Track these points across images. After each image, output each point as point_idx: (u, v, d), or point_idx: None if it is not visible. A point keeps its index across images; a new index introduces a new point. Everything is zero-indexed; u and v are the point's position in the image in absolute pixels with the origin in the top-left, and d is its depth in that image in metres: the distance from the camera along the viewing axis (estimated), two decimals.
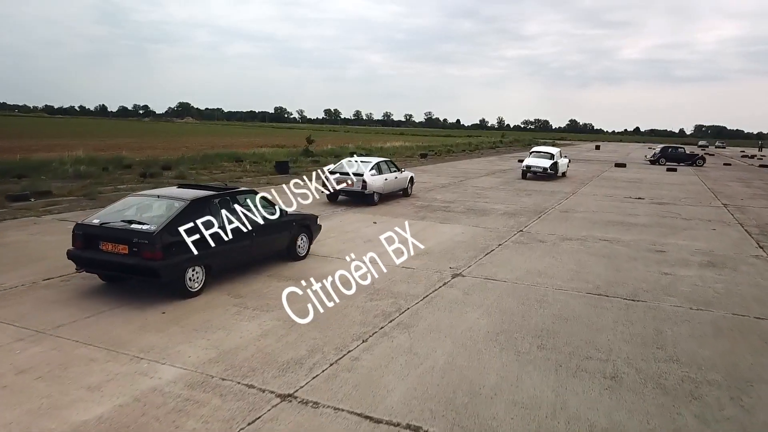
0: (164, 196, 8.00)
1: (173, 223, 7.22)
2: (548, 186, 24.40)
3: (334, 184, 16.37)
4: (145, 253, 6.93)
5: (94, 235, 7.35)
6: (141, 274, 7.18)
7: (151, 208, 7.84)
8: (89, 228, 7.45)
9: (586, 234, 13.27)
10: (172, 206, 7.58)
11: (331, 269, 9.20)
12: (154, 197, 8.07)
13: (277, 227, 9.15)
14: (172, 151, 38.48)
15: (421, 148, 55.80)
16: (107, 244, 7.22)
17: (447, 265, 9.87)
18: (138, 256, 6.98)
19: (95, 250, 7.32)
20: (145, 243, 6.94)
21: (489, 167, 35.21)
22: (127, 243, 7.05)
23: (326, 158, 37.27)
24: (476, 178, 27.34)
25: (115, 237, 7.18)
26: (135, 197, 8.38)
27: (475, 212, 16.13)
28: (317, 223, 10.58)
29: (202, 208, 7.74)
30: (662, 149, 46.90)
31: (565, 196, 21.05)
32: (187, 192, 8.26)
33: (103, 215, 7.73)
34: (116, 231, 7.23)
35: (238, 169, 27.56)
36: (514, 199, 19.40)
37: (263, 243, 8.86)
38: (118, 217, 7.56)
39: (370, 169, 16.63)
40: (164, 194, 8.16)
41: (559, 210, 17.19)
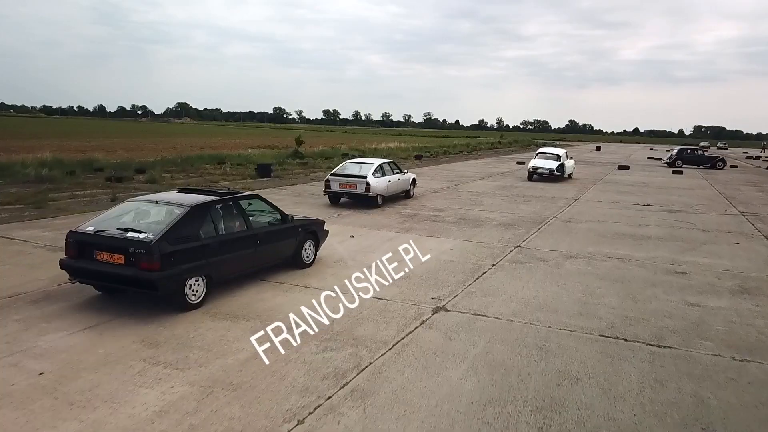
0: (163, 202, 7.59)
1: (172, 231, 6.81)
2: (549, 191, 22.69)
3: (336, 187, 16.19)
4: (142, 264, 6.53)
5: (88, 244, 6.91)
6: (137, 286, 6.72)
7: (149, 215, 7.47)
8: (82, 236, 7.00)
9: (593, 250, 11.57)
10: (171, 212, 7.18)
11: (283, 303, 7.49)
12: (153, 203, 7.67)
13: (283, 233, 8.75)
14: (156, 152, 36.84)
15: (417, 149, 54.10)
16: (102, 253, 6.81)
17: (428, 294, 8.16)
18: (134, 267, 6.58)
19: (89, 259, 6.89)
20: (141, 253, 6.53)
21: (485, 170, 33.50)
22: (123, 252, 6.66)
23: (315, 160, 35.60)
24: (471, 182, 25.62)
25: (110, 246, 6.78)
26: (132, 203, 7.95)
27: (468, 223, 14.41)
28: (324, 228, 10.08)
29: (204, 215, 7.39)
30: (679, 151, 44.50)
31: (567, 202, 19.34)
32: (187, 197, 7.79)
33: (98, 222, 7.28)
34: (111, 239, 6.83)
35: (217, 172, 25.85)
36: (512, 207, 17.68)
37: (268, 250, 8.45)
38: (113, 224, 7.16)
39: (373, 171, 16.20)
40: (163, 199, 7.73)
41: (561, 220, 15.48)
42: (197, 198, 7.73)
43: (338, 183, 16.17)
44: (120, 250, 6.67)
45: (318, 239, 9.75)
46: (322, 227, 9.99)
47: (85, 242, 6.94)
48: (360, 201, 16.33)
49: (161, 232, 6.73)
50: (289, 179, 24.08)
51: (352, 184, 15.96)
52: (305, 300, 7.53)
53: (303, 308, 7.10)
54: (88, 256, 6.89)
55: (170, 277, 6.66)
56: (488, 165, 38.12)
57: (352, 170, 16.53)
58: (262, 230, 8.32)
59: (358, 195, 16.01)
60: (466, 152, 56.80)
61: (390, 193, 17.19)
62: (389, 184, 16.93)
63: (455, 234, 12.81)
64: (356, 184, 15.86)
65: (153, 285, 6.55)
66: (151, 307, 7.06)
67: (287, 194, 18.74)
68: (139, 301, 7.25)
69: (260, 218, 8.63)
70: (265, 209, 8.80)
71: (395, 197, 18.26)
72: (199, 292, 7.14)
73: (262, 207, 8.78)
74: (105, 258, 6.77)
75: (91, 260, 6.87)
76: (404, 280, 8.84)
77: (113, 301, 7.38)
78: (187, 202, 7.47)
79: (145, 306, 7.11)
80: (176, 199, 7.66)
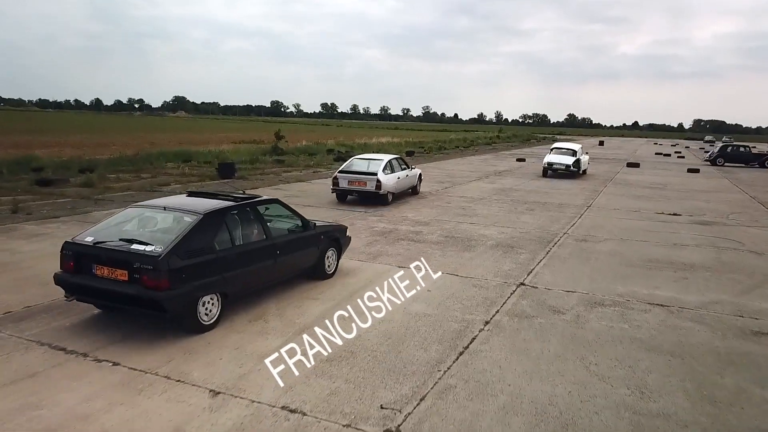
0: (172, 208, 6.78)
1: (183, 243, 5.96)
2: (555, 195, 19.49)
3: (345, 184, 15.62)
4: (149, 281, 5.70)
5: (87, 256, 6.10)
6: (143, 307, 5.84)
7: (156, 223, 6.75)
8: (80, 247, 6.19)
9: (624, 290, 8.41)
10: (181, 221, 6.42)
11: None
12: (160, 209, 6.86)
13: (304, 242, 7.95)
14: (126, 148, 33.61)
15: (410, 144, 50.88)
16: (102, 267, 6.00)
17: (376, 397, 4.97)
18: (139, 285, 5.75)
19: (88, 274, 6.09)
20: (148, 269, 5.70)
21: (483, 168, 30.28)
22: (126, 267, 5.84)
23: (296, 157, 32.39)
24: (466, 183, 22.41)
25: (112, 259, 5.96)
26: (136, 209, 7.07)
27: (456, 243, 11.24)
28: (347, 234, 9.24)
29: (218, 223, 6.56)
30: (721, 148, 40.99)
31: (578, 211, 16.15)
32: (198, 203, 6.96)
33: (97, 231, 6.49)
34: (112, 252, 5.99)
35: (174, 172, 22.65)
36: (512, 218, 14.49)
37: (288, 262, 7.60)
38: (115, 234, 6.34)
39: (383, 168, 15.63)
40: (172, 205, 6.90)
41: (575, 238, 12.29)
42: (210, 204, 6.86)
43: (347, 180, 15.53)
44: (123, 265, 5.89)
45: (341, 247, 8.92)
46: (345, 233, 9.14)
47: (83, 255, 6.14)
48: (369, 199, 15.65)
49: (170, 244, 5.91)
50: (255, 181, 20.87)
51: (361, 181, 15.34)
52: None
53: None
54: (87, 270, 6.12)
55: (180, 297, 5.83)
56: (485, 163, 34.89)
57: (361, 167, 15.89)
58: (282, 239, 7.49)
59: (368, 193, 15.40)
60: (463, 147, 53.60)
61: (399, 190, 16.56)
62: (398, 181, 16.32)
63: (438, 262, 9.63)
64: (366, 182, 15.26)
65: (160, 306, 5.74)
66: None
67: None
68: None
69: (279, 225, 7.85)
70: (285, 215, 8.04)
71: (370, 204, 15.15)
72: (212, 312, 6.32)
73: (281, 212, 8.01)
74: (106, 273, 6.00)
75: (89, 275, 6.10)
76: (345, 360, 5.67)
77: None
78: (198, 208, 6.60)
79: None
80: (186, 205, 6.81)
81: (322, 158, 33.20)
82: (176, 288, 5.78)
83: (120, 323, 6.42)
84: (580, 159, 26.67)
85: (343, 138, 49.97)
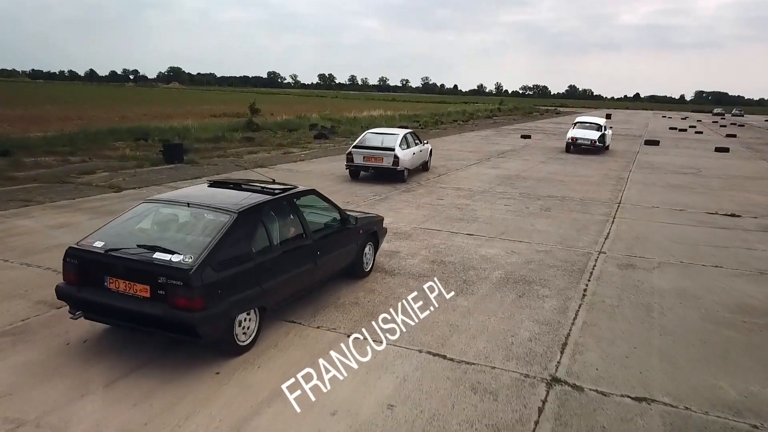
0: (197, 205, 5.44)
1: (218, 251, 4.84)
2: (573, 185, 15.75)
3: (360, 160, 15.03)
4: (178, 300, 4.59)
5: (97, 266, 4.94)
6: (170, 331, 4.74)
7: (179, 224, 5.44)
8: (89, 254, 4.98)
9: (732, 393, 4.78)
10: (212, 222, 5.20)
11: None
12: (182, 205, 5.51)
13: (344, 239, 6.75)
14: (86, 121, 29.97)
15: (405, 118, 46.78)
16: (117, 281, 4.85)
17: None
18: (165, 304, 4.63)
19: (98, 288, 4.93)
20: (177, 285, 4.57)
21: (483, 148, 26.44)
22: (149, 282, 4.70)
23: (274, 134, 28.48)
24: (463, 168, 18.63)
25: (130, 272, 4.79)
26: (151, 204, 5.72)
27: (446, 274, 7.58)
28: (383, 226, 8.05)
29: (255, 223, 5.34)
30: None
31: (607, 210, 12.45)
32: (227, 197, 5.67)
33: (108, 234, 5.20)
34: (131, 262, 4.80)
35: (114, 154, 18.86)
36: (523, 223, 10.81)
37: (328, 263, 6.39)
38: (131, 239, 5.10)
39: (399, 143, 15.04)
40: (197, 201, 5.51)
41: (616, 261, 8.62)
42: (243, 199, 5.55)
43: (362, 156, 14.94)
44: (144, 279, 4.70)
45: (378, 241, 7.78)
46: (381, 225, 8.01)
47: (93, 264, 4.93)
48: (385, 176, 15.04)
49: (202, 252, 4.73)
50: (205, 166, 17.10)
51: (377, 157, 14.75)
52: None
53: None
54: (97, 283, 4.91)
55: (217, 318, 4.72)
56: (487, 140, 31.00)
57: (375, 142, 15.38)
58: (322, 237, 6.27)
59: (385, 169, 14.82)
60: (462, 122, 49.54)
61: (413, 166, 16.02)
62: (413, 157, 15.74)
63: (416, 330, 5.97)
64: (383, 158, 14.67)
65: (193, 330, 4.58)
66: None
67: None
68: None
69: (316, 220, 6.47)
70: (322, 207, 6.73)
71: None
72: (250, 330, 5.20)
73: (318, 204, 6.69)
74: (121, 288, 4.80)
75: (101, 290, 4.89)
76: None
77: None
78: (230, 205, 5.33)
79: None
80: (214, 201, 5.52)
81: (302, 135, 29.35)
82: (211, 307, 4.69)
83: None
84: (606, 133, 25.44)
85: (331, 111, 45.78)
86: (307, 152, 22.13)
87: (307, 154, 21.23)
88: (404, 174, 15.08)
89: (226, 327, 4.92)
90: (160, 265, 4.70)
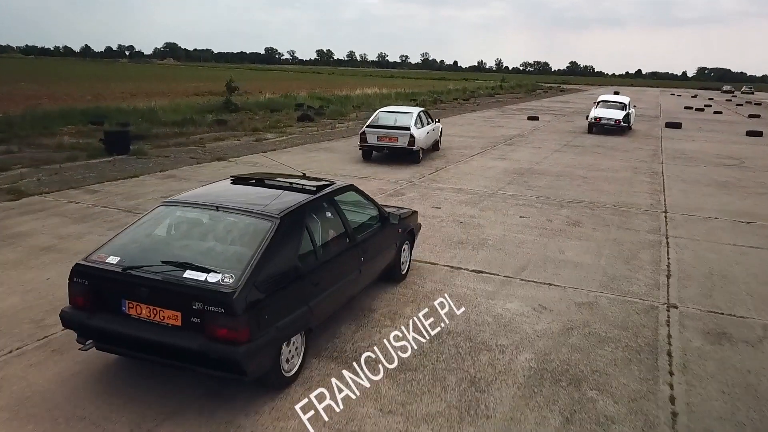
0: (228, 208, 4.48)
1: (262, 266, 3.90)
2: (600, 182, 12.77)
3: (374, 140, 14.34)
4: (219, 330, 3.65)
5: (113, 287, 3.95)
6: (208, 367, 3.74)
7: (209, 233, 4.51)
8: (102, 273, 3.98)
9: None
10: (251, 230, 4.28)
11: None
12: (210, 209, 4.53)
13: (385, 240, 5.91)
14: (57, 101, 27.12)
15: (401, 96, 43.56)
16: (138, 306, 3.86)
17: None
18: (202, 334, 3.69)
19: (115, 314, 3.94)
20: (217, 312, 3.63)
21: (487, 132, 23.41)
22: (180, 308, 3.75)
23: (252, 116, 25.45)
24: (465, 160, 15.65)
25: (155, 295, 3.81)
26: (170, 207, 4.70)
27: (442, 363, 4.70)
28: (418, 221, 7.26)
29: (299, 229, 4.45)
30: None
31: (654, 224, 9.55)
32: (260, 197, 4.71)
33: (123, 247, 4.23)
34: (157, 284, 3.83)
35: (49, 142, 15.89)
36: (550, 252, 7.88)
37: (371, 269, 5.58)
38: (153, 253, 4.15)
39: (414, 121, 14.45)
40: (226, 203, 4.53)
41: (701, 330, 5.73)
42: (282, 199, 4.64)
43: (376, 136, 14.47)
44: (174, 304, 3.75)
45: (414, 239, 6.88)
46: (416, 220, 7.17)
47: (108, 284, 3.95)
48: (399, 156, 14.47)
49: (246, 269, 3.79)
50: (157, 158, 14.17)
51: (392, 136, 14.30)
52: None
53: None
54: (113, 308, 3.93)
55: (264, 349, 3.80)
56: (490, 122, 27.91)
57: (389, 121, 14.89)
58: (364, 239, 5.41)
59: (400, 149, 14.31)
60: (462, 100, 46.30)
61: (427, 146, 15.53)
62: (427, 136, 15.27)
63: None
64: (398, 137, 14.23)
65: (238, 367, 3.65)
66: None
67: (77, 213, 8.89)
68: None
69: (356, 219, 5.55)
70: (359, 203, 5.83)
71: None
72: (295, 357, 4.32)
73: (356, 201, 5.79)
74: (144, 314, 3.83)
75: (117, 315, 3.91)
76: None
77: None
78: (269, 208, 4.40)
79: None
80: (248, 202, 4.53)
81: (284, 116, 26.34)
82: (258, 337, 3.70)
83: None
84: (630, 113, 24.37)
85: (322, 89, 42.50)
86: (284, 138, 19.12)
87: (282, 141, 18.22)
88: (419, 154, 14.60)
89: (273, 358, 4.04)
90: (194, 287, 3.75)
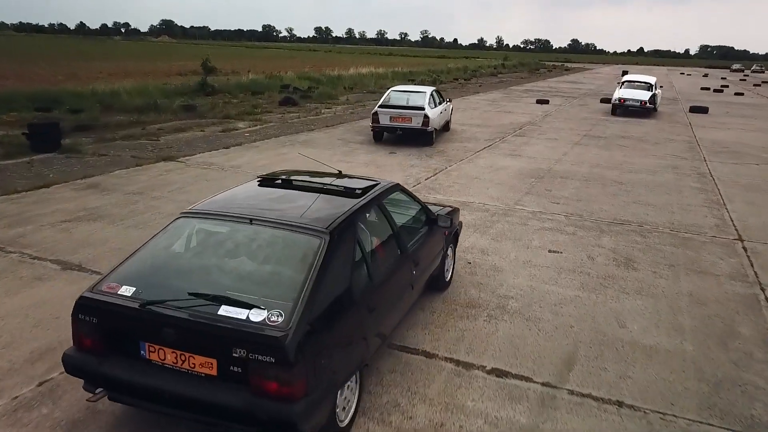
0: (264, 220, 3.48)
1: (315, 296, 3.03)
2: (639, 190, 10.04)
3: (386, 121, 13.81)
4: (267, 384, 2.79)
5: (128, 326, 3.07)
6: (254, 425, 2.84)
7: (244, 252, 3.44)
8: (115, 308, 3.07)
9: None
10: (296, 248, 3.36)
11: None
12: (242, 222, 3.52)
13: (433, 246, 5.02)
14: (24, 81, 24.37)
15: (398, 76, 40.57)
16: (161, 350, 2.99)
17: None
18: (245, 388, 2.85)
19: (131, 358, 3.07)
20: (266, 362, 2.77)
21: (493, 119, 20.61)
22: (217, 354, 2.89)
23: (232, 100, 22.61)
24: (470, 158, 12.88)
25: (183, 337, 2.93)
26: (190, 219, 3.68)
27: None
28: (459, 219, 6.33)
29: (351, 244, 3.50)
30: None
31: (735, 263, 6.87)
32: (297, 205, 3.70)
33: (138, 273, 3.28)
34: (185, 322, 2.94)
35: None
36: (606, 328, 5.18)
37: (420, 282, 4.68)
38: (177, 282, 3.23)
39: (428, 101, 13.99)
40: (260, 214, 3.53)
41: None
42: (324, 208, 3.66)
43: (389, 116, 13.80)
44: (208, 348, 2.89)
45: (457, 241, 6.11)
46: (458, 218, 6.16)
47: (122, 322, 3.05)
48: (413, 137, 13.82)
49: (298, 302, 2.93)
50: (93, 157, 11.46)
51: (406, 117, 13.65)
52: None
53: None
54: (129, 350, 3.05)
55: (321, 402, 2.96)
56: (496, 106, 25.05)
57: (401, 101, 14.26)
58: (415, 248, 4.50)
59: (414, 130, 13.65)
60: (463, 80, 43.26)
61: (440, 127, 14.84)
62: (440, 116, 14.58)
63: None
64: (411, 118, 13.59)
65: (293, 428, 2.78)
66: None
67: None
68: None
69: (405, 224, 4.62)
70: (407, 205, 4.90)
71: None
72: (351, 402, 3.45)
73: (403, 202, 4.83)
74: (170, 360, 2.96)
75: (135, 361, 3.04)
76: None
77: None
78: (315, 220, 3.45)
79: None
80: (285, 213, 3.55)
81: (266, 100, 23.54)
82: (315, 389, 2.87)
83: None
84: (656, 93, 23.34)
85: (310, 68, 39.46)
86: (258, 128, 16.33)
87: (253, 133, 15.43)
88: (433, 136, 14.02)
89: (330, 410, 3.11)
90: (234, 329, 2.80)
